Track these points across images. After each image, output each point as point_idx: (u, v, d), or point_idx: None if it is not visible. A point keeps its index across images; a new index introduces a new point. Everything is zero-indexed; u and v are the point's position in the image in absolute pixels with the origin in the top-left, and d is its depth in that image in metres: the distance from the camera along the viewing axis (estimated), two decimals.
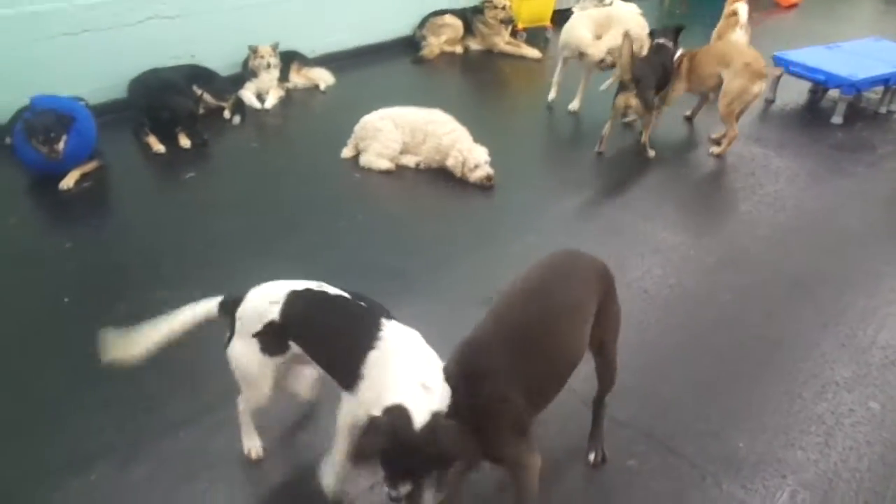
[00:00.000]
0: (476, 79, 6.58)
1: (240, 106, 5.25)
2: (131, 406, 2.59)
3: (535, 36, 7.24)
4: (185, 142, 4.65)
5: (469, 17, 6.85)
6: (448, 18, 6.77)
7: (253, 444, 2.40)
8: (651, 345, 3.03)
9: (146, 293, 3.14)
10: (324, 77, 5.83)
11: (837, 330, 3.16)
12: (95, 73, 4.88)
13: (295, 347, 2.11)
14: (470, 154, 4.26)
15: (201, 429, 2.49)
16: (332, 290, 2.12)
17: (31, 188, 4.10)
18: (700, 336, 3.11)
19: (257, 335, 2.09)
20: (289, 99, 5.60)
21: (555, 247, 2.32)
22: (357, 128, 4.54)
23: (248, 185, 4.28)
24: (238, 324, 2.13)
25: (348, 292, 2.11)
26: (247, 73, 5.48)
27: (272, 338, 2.09)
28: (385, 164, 4.41)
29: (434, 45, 6.69)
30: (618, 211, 4.10)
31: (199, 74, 5.14)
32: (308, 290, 2.10)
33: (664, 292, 3.38)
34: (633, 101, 4.47)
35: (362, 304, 2.07)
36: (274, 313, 2.07)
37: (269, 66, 5.43)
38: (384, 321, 1.99)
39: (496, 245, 3.70)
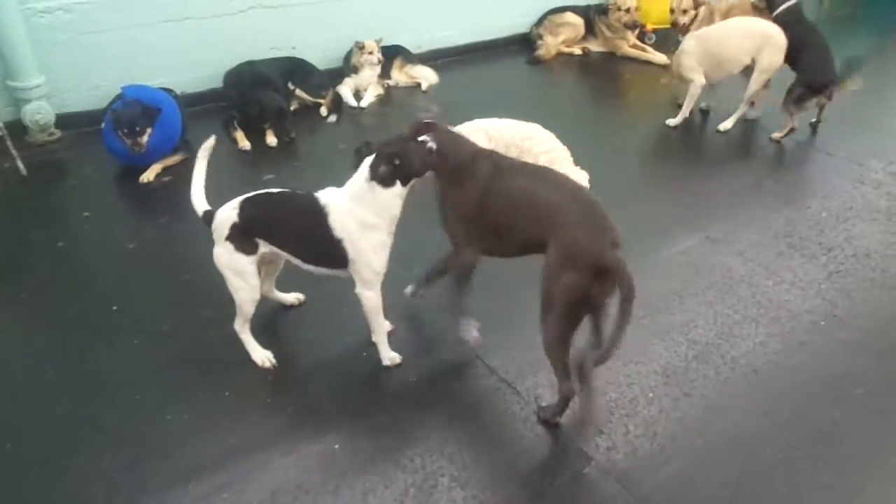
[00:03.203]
0: (593, 85, 6.02)
1: (338, 103, 5.03)
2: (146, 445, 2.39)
3: (665, 39, 6.54)
4: (271, 139, 4.48)
5: (591, 17, 6.29)
6: (569, 17, 6.24)
7: (263, 354, 2.71)
8: (754, 443, 2.46)
9: (192, 309, 2.95)
10: (427, 76, 5.50)
11: None
12: (194, 61, 4.82)
13: (263, 246, 2.55)
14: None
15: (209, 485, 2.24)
16: (275, 190, 2.64)
17: (115, 178, 4.06)
18: (822, 441, 2.49)
19: (228, 238, 2.51)
20: (387, 97, 5.32)
21: (652, 299, 2.74)
22: None
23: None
24: (214, 233, 2.55)
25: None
26: (347, 68, 5.25)
27: (240, 238, 2.51)
28: None
29: (551, 44, 6.19)
30: (734, 260, 3.48)
31: (296, 68, 4.97)
32: (257, 194, 2.58)
33: (779, 375, 2.77)
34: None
35: (299, 192, 2.60)
36: (234, 217, 2.50)
37: (372, 62, 5.18)
38: (320, 194, 2.53)
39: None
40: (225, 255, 2.54)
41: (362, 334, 2.77)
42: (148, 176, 3.99)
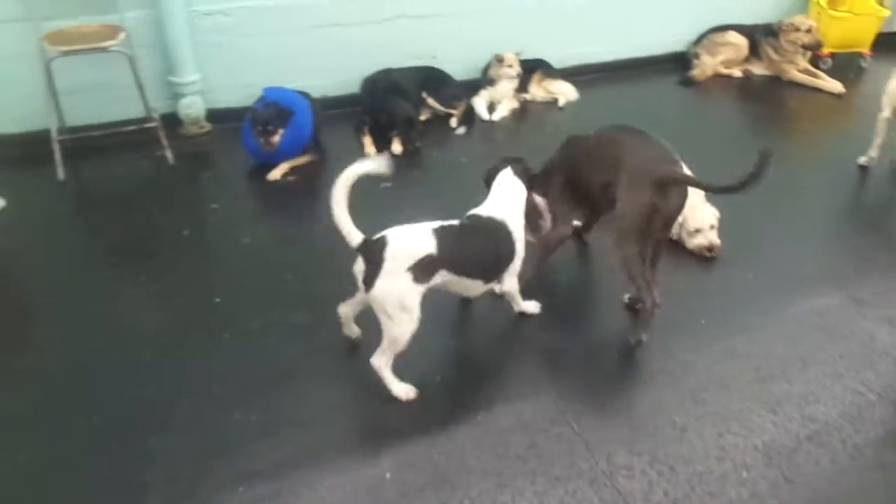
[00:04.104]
0: (751, 111, 5.48)
1: (469, 115, 4.99)
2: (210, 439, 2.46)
3: (844, 64, 5.85)
4: (397, 147, 4.52)
5: (757, 38, 5.73)
6: (731, 36, 5.74)
7: (405, 388, 2.59)
8: None
9: (285, 312, 3.02)
10: (565, 91, 5.30)
11: None
12: (337, 66, 4.96)
13: (439, 277, 2.52)
14: (692, 214, 3.44)
15: (258, 493, 2.26)
16: (455, 223, 2.66)
17: (247, 173, 4.28)
18: None
19: (412, 268, 2.41)
20: (521, 112, 5.19)
21: (768, 361, 2.75)
22: None
23: (437, 203, 3.98)
24: (388, 263, 2.39)
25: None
26: (484, 79, 5.18)
27: (424, 269, 2.44)
28: None
29: (708, 64, 5.73)
30: (880, 328, 2.97)
31: (432, 78, 4.97)
32: (442, 226, 2.56)
33: None
34: None
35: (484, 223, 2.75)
36: (430, 248, 2.45)
37: (510, 75, 5.08)
38: (493, 213, 2.78)
39: (686, 338, 2.92)
40: (401, 287, 2.41)
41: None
42: (275, 174, 4.17)
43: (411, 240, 2.47)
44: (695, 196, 3.51)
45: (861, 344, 2.89)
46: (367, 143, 4.54)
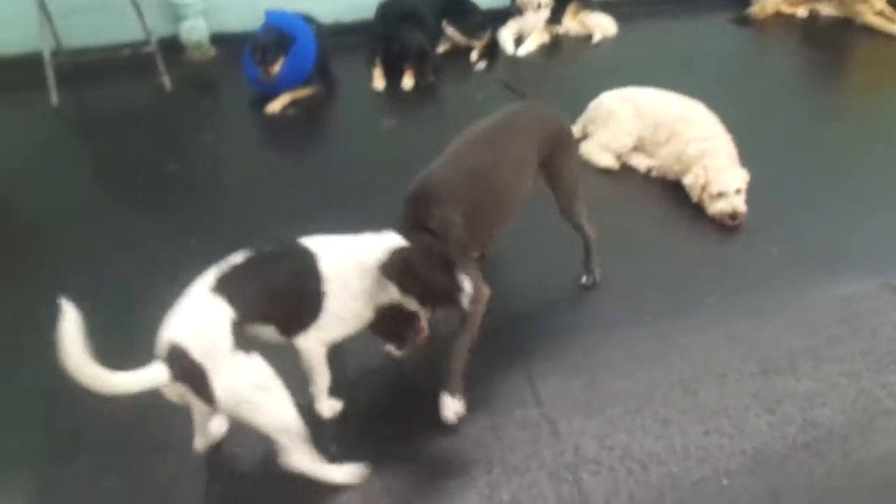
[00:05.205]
0: (813, 58, 4.89)
1: (492, 49, 4.60)
2: None
3: None
4: (408, 81, 4.20)
5: None
6: None
7: (346, 472, 2.04)
8: None
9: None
10: (604, 25, 4.83)
11: None
12: None
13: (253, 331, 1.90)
14: (716, 176, 3.06)
15: None
16: (239, 259, 1.94)
17: (247, 104, 4.05)
18: None
19: (235, 345, 1.76)
20: (552, 47, 4.77)
21: (775, 352, 2.41)
22: (591, 105, 3.60)
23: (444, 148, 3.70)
24: (209, 362, 1.72)
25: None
26: (513, 8, 4.75)
27: (240, 336, 1.79)
28: (606, 161, 3.44)
29: (769, 1, 5.12)
30: None
31: (454, 5, 4.60)
32: (228, 268, 1.89)
33: None
34: None
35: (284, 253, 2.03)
36: (225, 313, 1.78)
37: (539, 4, 4.64)
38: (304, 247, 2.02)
39: (687, 319, 2.62)
40: (244, 373, 1.77)
41: None
42: (273, 107, 3.93)
43: (202, 322, 1.77)
44: (722, 157, 3.15)
45: (889, 340, 2.53)
46: (377, 75, 4.24)
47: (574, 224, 2.63)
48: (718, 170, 3.08)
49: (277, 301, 1.96)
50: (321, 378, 2.16)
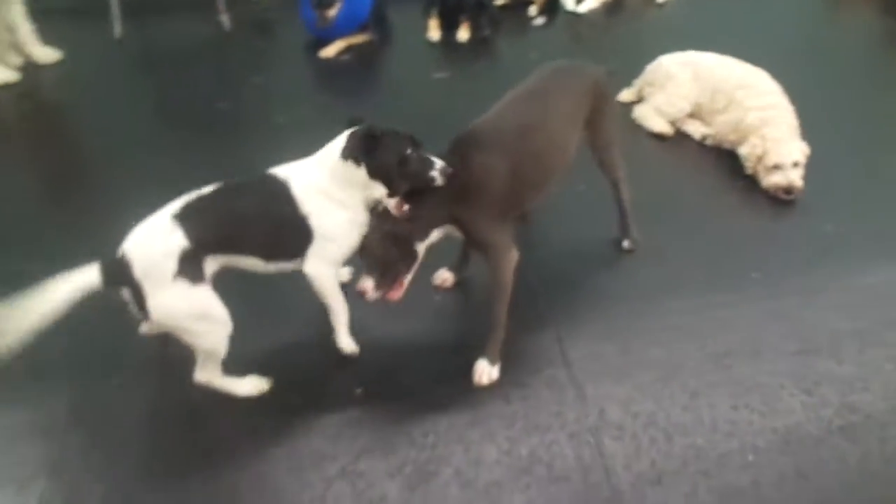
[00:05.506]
0: (890, 30, 4.58)
1: (552, 4, 4.47)
2: None
3: None
4: (463, 34, 4.13)
5: None
6: None
7: (250, 384, 2.15)
8: None
9: None
10: None
11: None
12: None
13: (212, 263, 1.96)
14: (774, 147, 2.93)
15: None
16: (209, 189, 1.99)
17: (303, 48, 4.05)
18: None
19: (179, 273, 1.85)
20: (615, 5, 4.60)
21: (817, 333, 2.34)
22: (649, 67, 3.48)
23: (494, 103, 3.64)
24: (146, 283, 1.84)
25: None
26: None
27: (190, 265, 1.88)
28: (660, 126, 3.33)
29: None
30: None
31: None
32: (190, 200, 1.94)
33: None
34: None
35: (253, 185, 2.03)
36: (178, 241, 1.86)
37: None
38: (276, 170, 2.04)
39: (728, 292, 2.54)
40: (182, 301, 1.88)
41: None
42: (328, 52, 3.92)
43: (152, 244, 1.87)
44: (782, 127, 3.02)
45: None
46: (433, 25, 4.19)
47: (612, 178, 2.59)
48: (777, 141, 2.95)
49: (247, 230, 1.99)
50: (337, 307, 2.19)
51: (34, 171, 2.88)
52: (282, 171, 2.06)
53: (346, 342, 2.26)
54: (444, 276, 2.53)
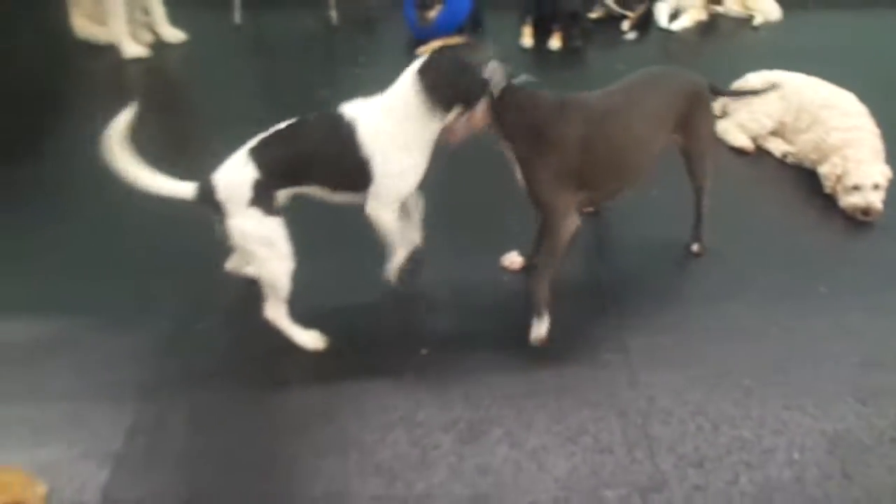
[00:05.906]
0: None
1: (645, 21, 4.57)
2: None
3: None
4: (555, 43, 4.28)
5: None
6: None
7: (310, 337, 2.35)
8: None
9: None
10: (766, 9, 4.64)
11: None
12: None
13: (284, 192, 2.20)
14: (855, 168, 2.93)
15: None
16: (283, 126, 2.21)
17: (403, 46, 4.28)
18: None
19: (253, 202, 2.11)
20: (708, 26, 4.64)
21: (877, 345, 2.39)
22: (734, 85, 3.52)
23: None
24: (227, 205, 2.13)
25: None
26: None
27: (263, 197, 2.13)
28: (742, 141, 3.37)
29: None
30: None
31: None
32: (263, 137, 2.18)
33: None
34: None
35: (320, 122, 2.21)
36: (251, 173, 2.11)
37: None
38: (340, 111, 2.20)
39: (795, 303, 2.57)
40: (254, 226, 2.13)
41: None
42: (423, 51, 4.13)
43: (231, 174, 2.14)
44: (864, 149, 3.02)
45: None
46: (527, 33, 4.35)
47: (696, 186, 2.64)
48: (858, 162, 2.95)
49: (313, 166, 2.20)
50: (396, 245, 2.39)
51: (155, 133, 3.18)
52: (351, 109, 2.21)
53: (393, 274, 2.46)
54: (513, 259, 2.67)
